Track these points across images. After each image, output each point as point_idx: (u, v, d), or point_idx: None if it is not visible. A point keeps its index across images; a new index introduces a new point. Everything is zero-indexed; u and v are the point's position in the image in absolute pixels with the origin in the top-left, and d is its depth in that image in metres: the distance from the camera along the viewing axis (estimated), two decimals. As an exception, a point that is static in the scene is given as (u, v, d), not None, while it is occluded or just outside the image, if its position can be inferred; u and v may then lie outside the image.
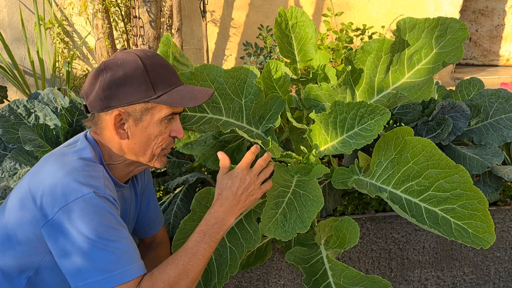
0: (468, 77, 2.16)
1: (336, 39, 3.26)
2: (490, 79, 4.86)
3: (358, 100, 1.56)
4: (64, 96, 1.98)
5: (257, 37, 3.50)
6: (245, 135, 1.39)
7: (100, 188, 1.08)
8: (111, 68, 1.14)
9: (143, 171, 1.41)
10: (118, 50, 1.20)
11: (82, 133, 1.24)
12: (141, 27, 3.22)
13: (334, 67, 1.76)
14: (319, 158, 1.48)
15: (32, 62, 3.65)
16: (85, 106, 1.20)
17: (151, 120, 1.17)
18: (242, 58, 3.52)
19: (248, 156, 1.29)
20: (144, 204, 1.46)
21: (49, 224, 1.04)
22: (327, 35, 3.43)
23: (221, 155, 1.29)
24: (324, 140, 1.45)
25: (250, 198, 1.26)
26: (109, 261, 1.03)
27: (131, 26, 3.36)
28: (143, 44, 3.24)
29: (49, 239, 1.06)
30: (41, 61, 3.64)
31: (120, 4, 3.59)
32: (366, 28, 3.46)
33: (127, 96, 1.13)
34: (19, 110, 1.83)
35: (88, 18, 3.71)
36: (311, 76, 1.76)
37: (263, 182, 1.30)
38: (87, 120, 1.23)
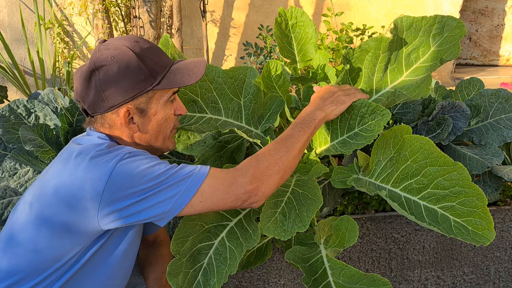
0: (468, 77, 2.15)
1: (336, 39, 3.25)
2: (490, 79, 4.86)
3: (356, 99, 1.56)
4: (64, 96, 1.98)
5: (257, 37, 3.50)
6: (244, 135, 1.39)
7: (131, 149, 1.11)
8: (103, 66, 1.10)
9: None
10: (97, 43, 1.18)
11: (94, 135, 1.19)
12: (141, 27, 3.22)
13: (334, 67, 1.76)
14: (319, 158, 1.48)
15: (32, 62, 3.65)
16: (84, 110, 1.18)
17: (157, 107, 1.18)
18: (242, 58, 3.52)
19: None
20: None
21: (104, 202, 1.04)
22: (327, 35, 3.42)
23: (316, 88, 1.46)
24: (325, 140, 1.45)
25: (339, 99, 1.36)
26: (179, 176, 1.08)
27: (131, 26, 3.36)
28: (143, 44, 3.24)
29: (113, 213, 1.06)
30: (41, 61, 3.64)
31: (120, 4, 3.59)
32: (366, 28, 3.46)
33: (129, 91, 1.12)
34: (19, 110, 1.83)
35: (88, 18, 3.72)
36: (310, 75, 1.76)
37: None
38: (87, 122, 1.21)
